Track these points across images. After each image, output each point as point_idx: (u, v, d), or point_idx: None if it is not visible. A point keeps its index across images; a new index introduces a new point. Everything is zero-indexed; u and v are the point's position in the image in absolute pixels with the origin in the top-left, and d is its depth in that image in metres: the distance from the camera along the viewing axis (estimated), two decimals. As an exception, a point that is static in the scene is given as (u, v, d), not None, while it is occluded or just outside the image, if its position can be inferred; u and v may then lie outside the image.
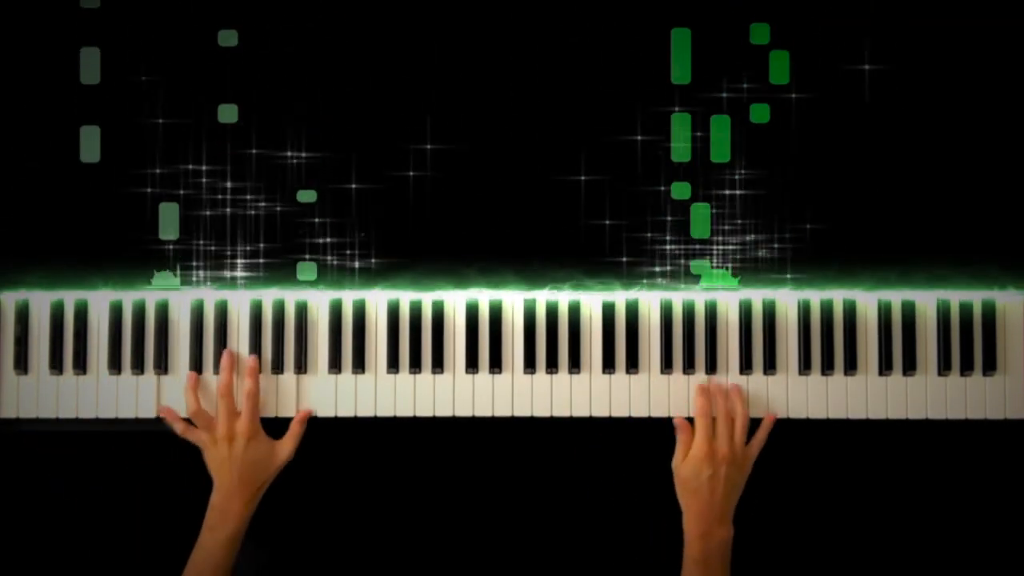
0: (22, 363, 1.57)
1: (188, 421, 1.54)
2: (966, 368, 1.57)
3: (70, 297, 1.57)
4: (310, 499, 1.71)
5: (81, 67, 1.56)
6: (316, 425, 1.57)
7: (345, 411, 1.57)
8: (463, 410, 1.58)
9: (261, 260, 1.57)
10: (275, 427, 1.56)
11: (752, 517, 1.53)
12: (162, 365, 1.57)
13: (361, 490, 1.72)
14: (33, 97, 1.55)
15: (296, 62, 1.56)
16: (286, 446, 1.55)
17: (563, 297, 1.58)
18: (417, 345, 1.58)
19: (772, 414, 1.56)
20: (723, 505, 1.50)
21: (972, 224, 1.58)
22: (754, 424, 1.55)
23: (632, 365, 1.58)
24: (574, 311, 1.58)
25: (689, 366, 1.58)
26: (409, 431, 1.58)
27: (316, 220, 1.56)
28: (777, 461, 1.68)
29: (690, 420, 1.54)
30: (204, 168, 1.56)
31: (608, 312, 1.58)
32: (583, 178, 1.57)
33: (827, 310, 1.59)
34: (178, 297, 1.58)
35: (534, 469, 1.71)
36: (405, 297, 1.58)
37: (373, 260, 1.57)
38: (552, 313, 1.58)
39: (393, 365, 1.58)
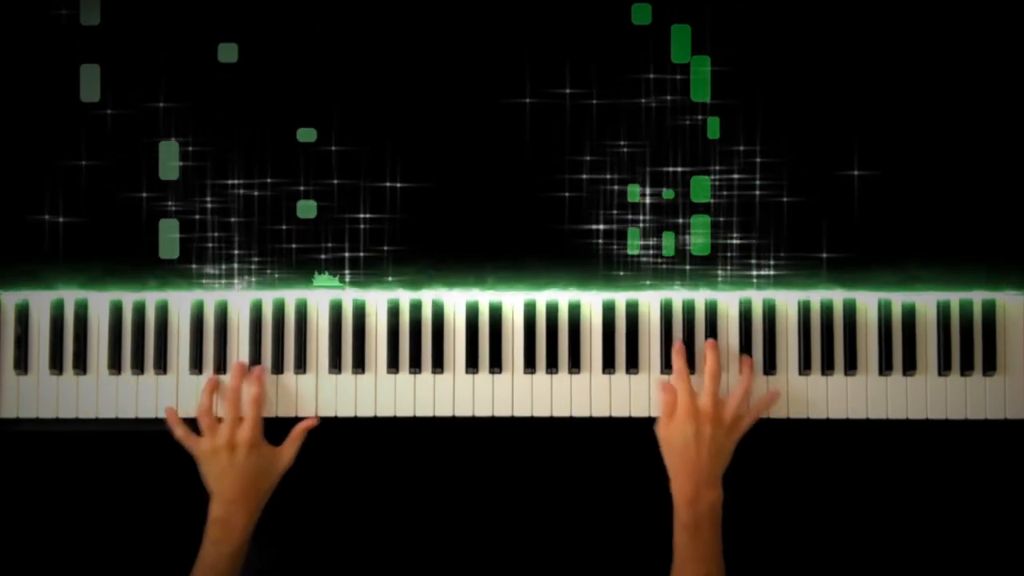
0: (22, 363, 1.57)
1: (189, 424, 1.54)
2: (966, 368, 1.57)
3: (70, 297, 1.57)
4: (310, 499, 1.71)
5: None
6: (316, 425, 1.57)
7: (345, 411, 1.57)
8: (463, 410, 1.58)
9: (260, 261, 1.57)
10: (276, 427, 1.56)
11: (752, 517, 1.53)
12: (162, 366, 1.57)
13: (361, 490, 1.72)
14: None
15: (295, 70, 1.56)
16: (287, 453, 1.53)
17: (563, 297, 1.58)
18: (417, 345, 1.58)
19: (776, 390, 1.55)
20: (710, 467, 1.47)
21: (972, 224, 1.58)
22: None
23: (632, 365, 1.58)
24: (574, 311, 1.58)
25: (690, 366, 1.57)
26: (409, 431, 1.58)
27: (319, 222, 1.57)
28: (777, 461, 1.68)
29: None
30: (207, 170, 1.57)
31: (608, 312, 1.58)
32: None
33: (827, 310, 1.59)
34: (178, 297, 1.58)
35: (534, 469, 1.71)
36: (405, 297, 1.58)
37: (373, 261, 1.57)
38: (552, 313, 1.58)
39: (393, 365, 1.58)
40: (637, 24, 1.56)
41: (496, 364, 1.58)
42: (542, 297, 1.58)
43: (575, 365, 1.58)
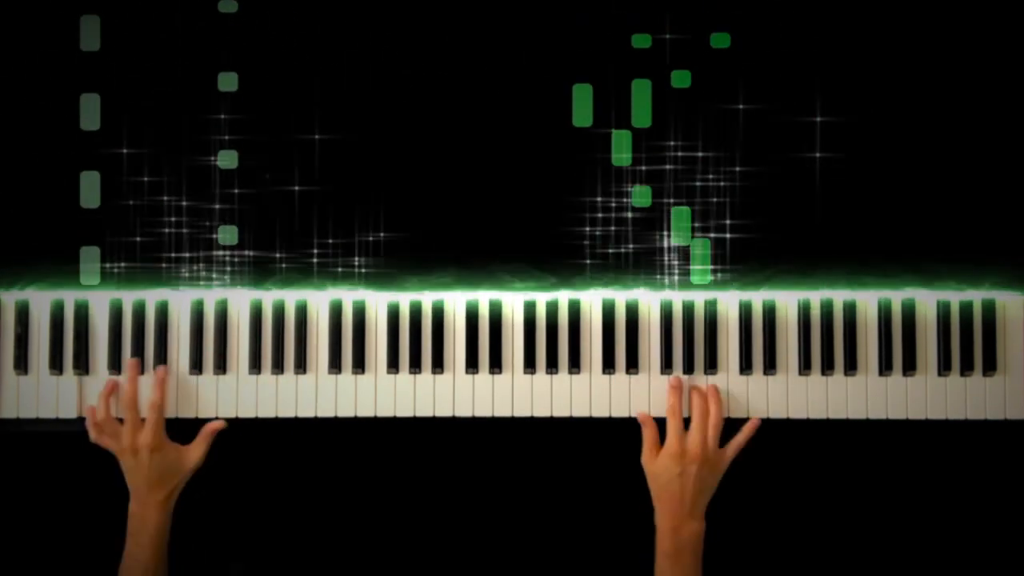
0: (22, 363, 1.57)
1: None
2: (966, 368, 1.57)
3: (70, 297, 1.57)
4: (310, 499, 1.71)
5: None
6: (316, 425, 1.57)
7: (345, 411, 1.57)
8: (463, 410, 1.58)
9: (257, 249, 1.57)
10: (277, 427, 1.56)
11: (752, 517, 1.53)
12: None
13: (360, 490, 1.72)
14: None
15: (299, 39, 1.57)
16: (194, 453, 1.54)
17: (563, 297, 1.58)
18: (417, 345, 1.58)
19: (756, 418, 1.56)
20: (693, 502, 1.50)
21: (972, 224, 1.58)
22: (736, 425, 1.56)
23: (632, 365, 1.58)
24: (574, 311, 1.58)
25: (689, 366, 1.58)
26: (409, 431, 1.58)
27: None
28: (778, 461, 1.68)
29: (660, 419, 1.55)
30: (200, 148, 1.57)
31: (608, 312, 1.58)
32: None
33: (827, 310, 1.59)
34: (178, 297, 1.58)
35: (534, 469, 1.71)
36: (405, 297, 1.58)
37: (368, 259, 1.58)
38: (552, 313, 1.58)
39: (393, 365, 1.58)
40: (637, 206, 1.57)
41: (496, 364, 1.58)
42: (542, 297, 1.58)
43: (575, 365, 1.58)
